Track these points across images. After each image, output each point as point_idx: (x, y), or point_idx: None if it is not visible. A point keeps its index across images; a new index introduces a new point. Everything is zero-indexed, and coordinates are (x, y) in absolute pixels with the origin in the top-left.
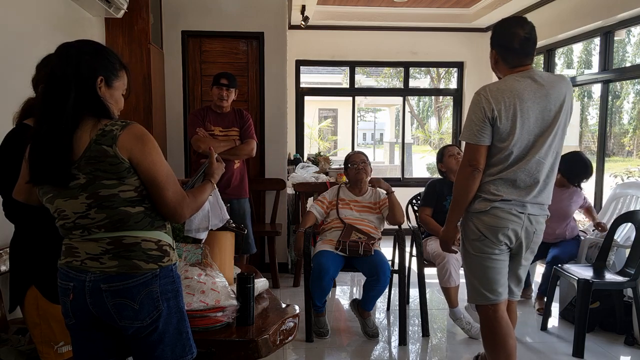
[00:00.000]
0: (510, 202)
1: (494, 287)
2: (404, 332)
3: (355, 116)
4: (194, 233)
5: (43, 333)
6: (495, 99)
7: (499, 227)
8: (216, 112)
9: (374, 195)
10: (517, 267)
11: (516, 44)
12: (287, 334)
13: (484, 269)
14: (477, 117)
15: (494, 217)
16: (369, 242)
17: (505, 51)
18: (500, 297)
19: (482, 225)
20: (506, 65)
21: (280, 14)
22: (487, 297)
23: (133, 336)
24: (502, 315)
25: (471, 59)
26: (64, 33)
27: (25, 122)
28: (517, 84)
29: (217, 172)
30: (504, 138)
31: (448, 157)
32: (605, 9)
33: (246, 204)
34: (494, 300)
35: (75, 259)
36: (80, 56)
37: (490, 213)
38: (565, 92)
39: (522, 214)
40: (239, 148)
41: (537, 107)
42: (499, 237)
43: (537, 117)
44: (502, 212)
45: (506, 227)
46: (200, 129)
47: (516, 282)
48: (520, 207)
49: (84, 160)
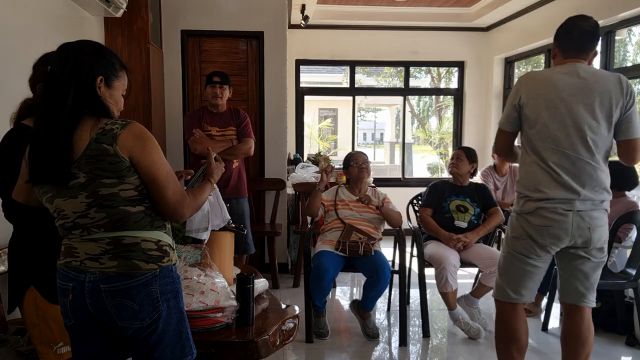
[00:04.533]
0: (554, 201)
1: (518, 289)
2: (405, 333)
3: (355, 116)
4: (194, 233)
5: (42, 334)
6: (529, 86)
7: (544, 227)
8: (212, 112)
9: (374, 195)
10: (582, 265)
11: (575, 33)
12: (287, 334)
13: (515, 269)
14: (509, 102)
15: (539, 217)
16: (369, 243)
17: (563, 40)
18: (521, 298)
19: (528, 225)
20: (562, 56)
21: (280, 13)
22: (509, 296)
23: (132, 337)
24: (518, 312)
25: (472, 58)
26: (63, 32)
27: (24, 123)
28: (557, 76)
29: (216, 171)
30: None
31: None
32: (606, 8)
33: (245, 203)
34: (514, 300)
35: (75, 259)
36: (80, 56)
37: (537, 214)
38: (612, 88)
39: (569, 212)
40: (237, 147)
41: (576, 100)
42: (544, 237)
43: (576, 111)
44: (547, 212)
45: (551, 226)
46: (196, 130)
47: (585, 284)
48: (566, 205)
49: (84, 159)
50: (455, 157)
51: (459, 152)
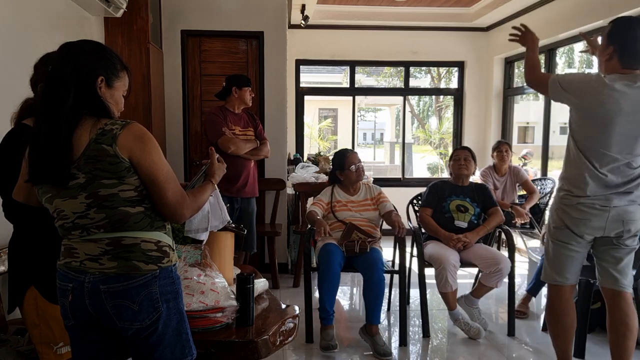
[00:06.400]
0: (593, 197)
1: (562, 272)
2: (405, 333)
3: (355, 116)
4: (194, 234)
5: (42, 334)
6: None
7: (582, 219)
8: (233, 112)
9: (369, 191)
10: (614, 250)
11: (638, 46)
12: (287, 334)
13: (558, 255)
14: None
15: (577, 211)
16: (365, 240)
17: (624, 51)
18: (566, 281)
19: (566, 217)
20: (620, 64)
21: (280, 13)
22: (555, 279)
23: (132, 337)
24: (563, 295)
25: (472, 58)
26: (63, 32)
27: (24, 122)
28: (618, 85)
29: (218, 172)
30: (591, 132)
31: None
32: (606, 8)
33: (255, 202)
34: (559, 282)
35: (75, 259)
36: (81, 55)
37: (576, 208)
38: None
39: (606, 207)
40: (260, 149)
41: (631, 109)
42: (581, 229)
43: (631, 119)
44: (585, 207)
45: (588, 219)
46: (226, 129)
47: (617, 268)
48: (604, 201)
49: (84, 159)
50: (463, 158)
51: (465, 153)
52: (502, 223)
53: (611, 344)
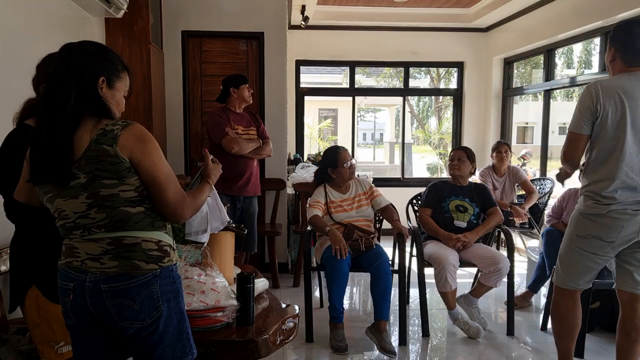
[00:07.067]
0: (624, 203)
1: (578, 280)
2: (404, 332)
3: (355, 116)
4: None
5: (43, 333)
6: (606, 94)
7: (614, 226)
8: (235, 112)
9: (359, 185)
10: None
11: (638, 44)
12: (287, 334)
13: (577, 263)
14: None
15: (610, 219)
16: (368, 237)
17: (625, 49)
18: (578, 287)
19: (595, 226)
20: (623, 63)
21: (280, 14)
22: (567, 284)
23: (133, 337)
24: (572, 297)
25: (471, 59)
26: (63, 33)
27: (26, 123)
28: (629, 83)
29: (214, 173)
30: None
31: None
32: (605, 9)
33: (257, 202)
34: (571, 287)
35: (76, 259)
36: (82, 56)
37: (608, 216)
38: None
39: (638, 211)
40: (263, 148)
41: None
42: (612, 235)
43: None
44: (617, 214)
45: (621, 225)
46: (229, 129)
47: None
48: (636, 205)
49: (85, 159)
50: (457, 158)
51: (459, 153)
52: (501, 223)
53: (619, 347)
